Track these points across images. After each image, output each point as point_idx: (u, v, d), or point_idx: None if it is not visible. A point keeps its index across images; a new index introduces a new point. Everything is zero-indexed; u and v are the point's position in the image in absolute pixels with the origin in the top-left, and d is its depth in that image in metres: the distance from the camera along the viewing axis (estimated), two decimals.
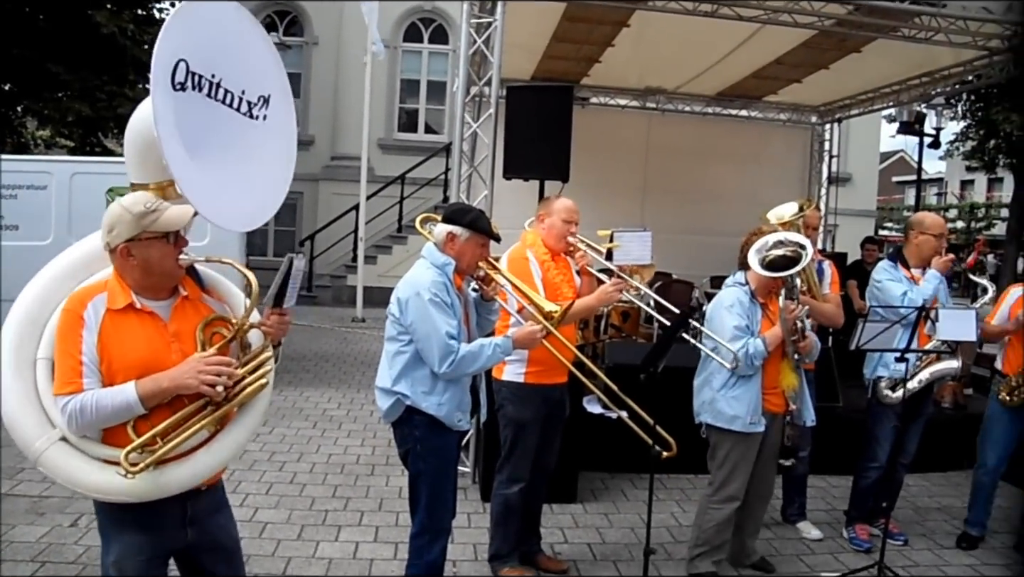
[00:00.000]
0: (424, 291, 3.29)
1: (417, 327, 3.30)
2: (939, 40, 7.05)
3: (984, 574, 4.76)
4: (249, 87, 2.56)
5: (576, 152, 6.02)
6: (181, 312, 2.44)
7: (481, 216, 3.51)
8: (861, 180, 19.45)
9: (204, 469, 2.39)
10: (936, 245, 4.84)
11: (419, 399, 3.35)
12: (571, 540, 4.85)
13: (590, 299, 4.09)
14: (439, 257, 3.43)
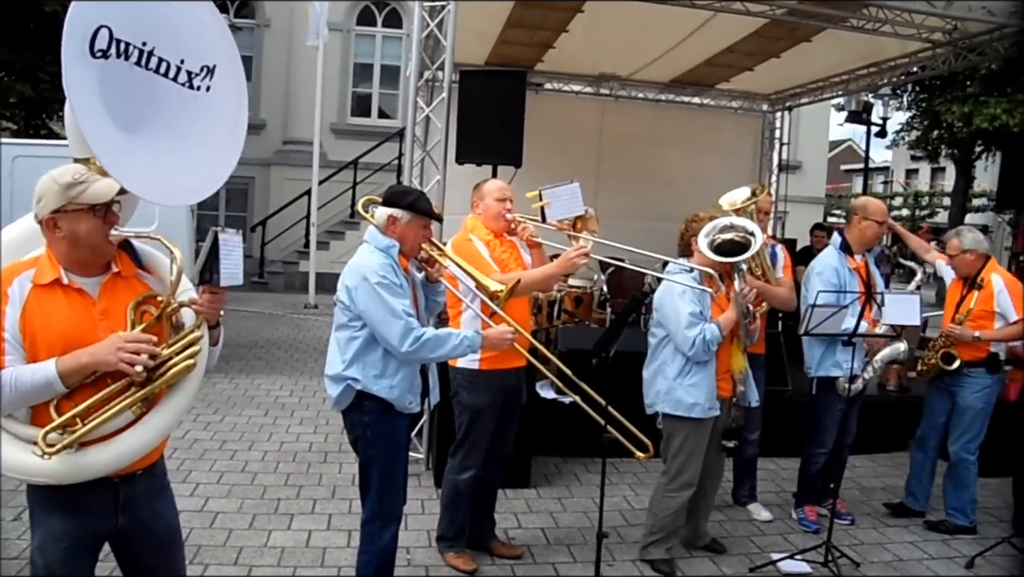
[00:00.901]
0: (371, 275, 3.27)
1: (370, 312, 3.27)
2: (886, 31, 7.20)
3: (925, 550, 4.91)
4: (189, 56, 2.43)
5: (530, 138, 6.01)
6: (111, 289, 2.36)
7: (421, 197, 3.51)
8: (811, 168, 19.76)
9: (127, 452, 2.28)
10: (879, 231, 4.93)
11: (370, 383, 3.33)
12: (525, 525, 4.86)
13: (552, 267, 4.10)
14: (382, 240, 3.40)
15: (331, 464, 5.70)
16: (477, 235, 4.13)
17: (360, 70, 17.51)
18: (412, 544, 4.45)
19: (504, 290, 3.47)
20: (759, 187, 4.77)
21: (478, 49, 8.99)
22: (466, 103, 5.74)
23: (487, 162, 5.84)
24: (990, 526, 5.36)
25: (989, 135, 18.00)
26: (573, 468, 5.85)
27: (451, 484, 4.21)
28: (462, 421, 4.16)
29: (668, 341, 4.17)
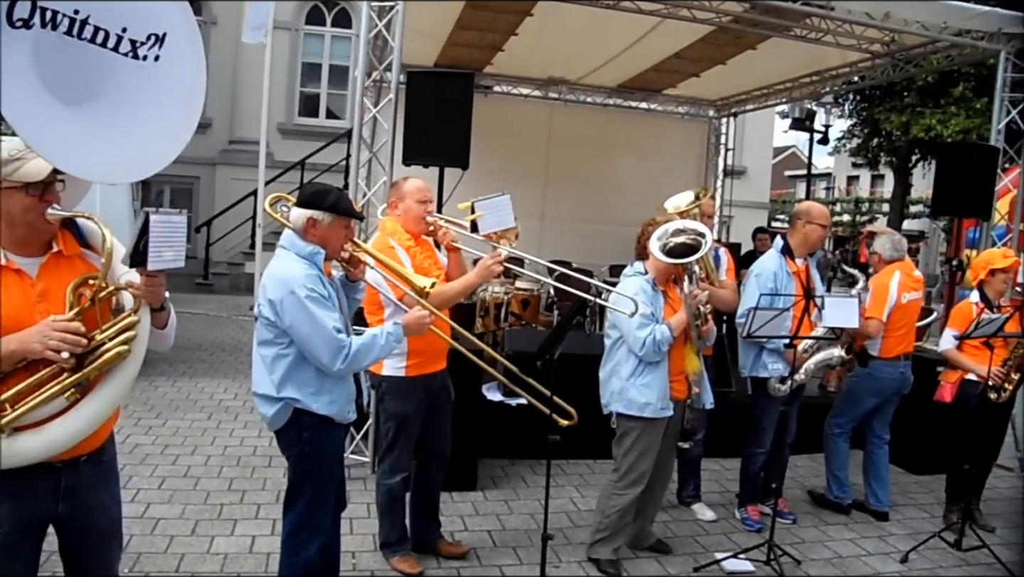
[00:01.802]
0: (298, 288, 3.04)
1: (298, 328, 3.05)
2: (828, 41, 7.42)
3: (863, 547, 5.03)
4: (133, 24, 2.25)
5: (478, 140, 6.01)
6: (52, 269, 2.28)
7: (342, 196, 3.29)
8: (755, 173, 20.09)
9: (59, 440, 2.20)
10: (822, 235, 5.03)
11: (309, 401, 3.16)
12: (471, 527, 4.85)
13: (470, 276, 4.03)
14: (304, 247, 3.16)
15: (276, 468, 5.61)
16: (398, 240, 4.01)
17: (308, 70, 17.33)
18: (357, 548, 4.41)
19: (433, 284, 3.41)
20: (702, 191, 4.82)
21: (427, 50, 8.99)
22: (414, 104, 5.71)
23: (434, 163, 5.81)
24: (924, 521, 5.52)
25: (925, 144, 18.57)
26: (520, 470, 5.85)
27: (384, 489, 4.16)
28: (388, 427, 4.10)
29: (622, 342, 4.21)
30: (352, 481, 5.29)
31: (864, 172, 36.75)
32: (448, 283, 4.05)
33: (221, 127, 16.59)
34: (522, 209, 4.33)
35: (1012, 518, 5.78)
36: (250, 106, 15.11)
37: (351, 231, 3.35)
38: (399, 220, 4.09)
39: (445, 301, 3.92)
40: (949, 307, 7.20)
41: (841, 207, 39.40)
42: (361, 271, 3.43)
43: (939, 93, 18.04)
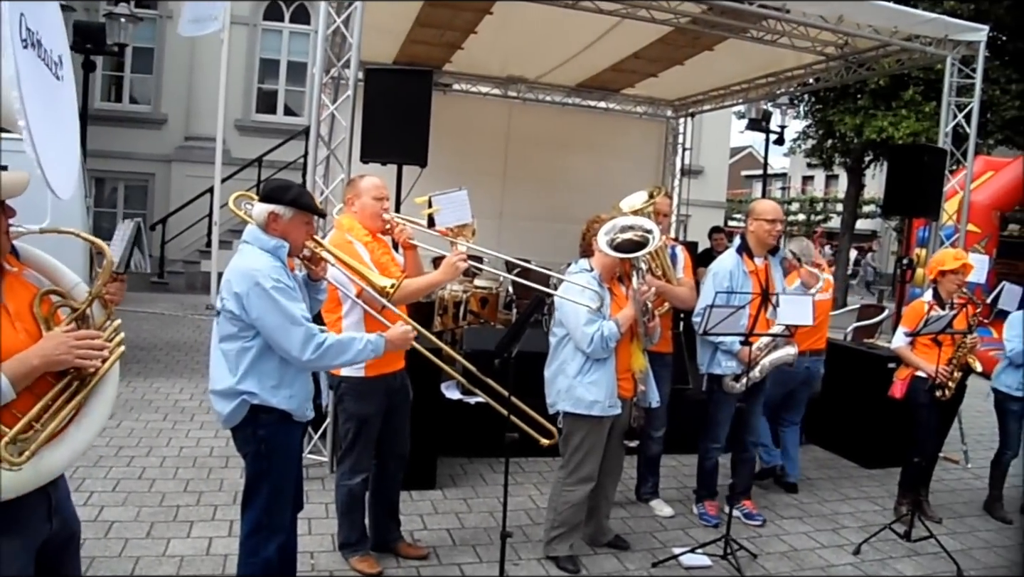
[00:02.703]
0: (263, 279, 3.03)
1: (266, 320, 3.04)
2: (783, 44, 7.54)
3: (817, 540, 5.12)
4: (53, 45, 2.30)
5: (437, 138, 6.00)
6: (11, 289, 2.23)
7: (304, 192, 3.32)
8: (712, 173, 20.32)
9: (80, 446, 2.21)
10: (769, 228, 5.10)
11: (268, 395, 3.14)
12: (430, 526, 4.85)
13: (436, 274, 4.04)
14: (268, 240, 3.17)
15: (232, 469, 5.55)
16: (355, 236, 3.99)
17: (266, 66, 17.13)
18: (316, 549, 4.38)
19: (395, 285, 3.42)
20: (656, 190, 4.86)
21: (386, 48, 8.95)
22: (372, 102, 5.68)
23: (392, 161, 5.78)
24: (875, 514, 5.65)
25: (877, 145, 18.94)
26: (478, 468, 5.86)
27: (344, 490, 4.14)
28: (348, 428, 4.07)
29: (568, 340, 4.22)
30: (310, 481, 5.24)
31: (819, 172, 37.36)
32: (413, 278, 4.05)
33: (177, 124, 16.34)
34: (481, 208, 4.34)
35: (957, 509, 5.95)
36: (206, 102, 14.91)
37: (312, 227, 3.34)
38: (355, 217, 4.08)
39: (408, 296, 3.92)
40: (900, 305, 7.37)
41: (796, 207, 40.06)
42: (323, 268, 3.42)
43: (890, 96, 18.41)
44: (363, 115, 5.68)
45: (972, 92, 7.29)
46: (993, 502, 5.91)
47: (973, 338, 5.31)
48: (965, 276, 5.43)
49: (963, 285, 5.47)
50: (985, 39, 7.15)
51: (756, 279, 5.05)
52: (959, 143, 7.50)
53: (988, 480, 6.00)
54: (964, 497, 6.24)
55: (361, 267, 3.56)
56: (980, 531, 5.55)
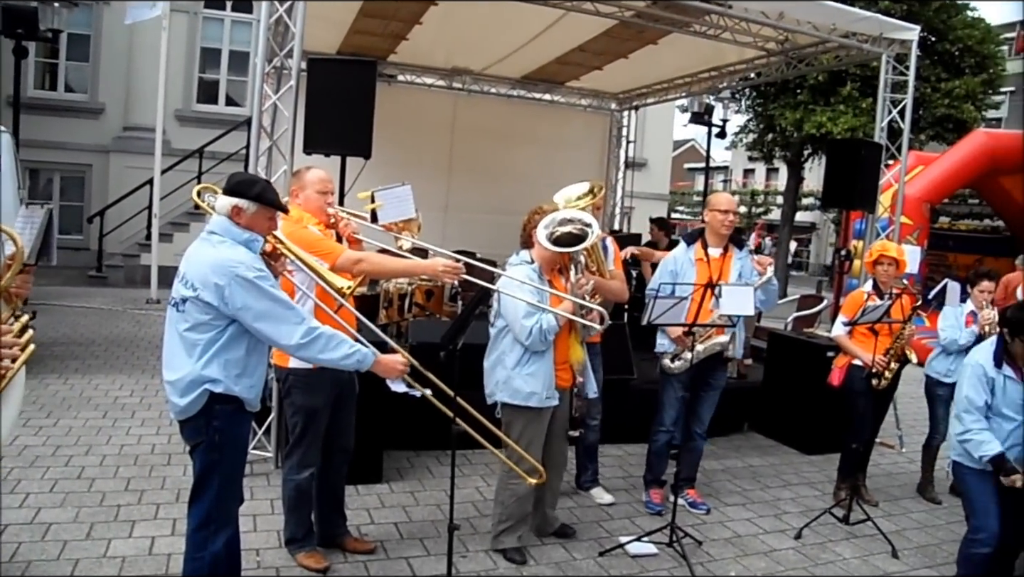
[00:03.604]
0: (246, 270, 3.04)
1: (254, 308, 3.04)
2: (726, 38, 7.65)
3: (760, 526, 5.23)
4: None
5: (382, 130, 5.95)
6: None
7: (268, 187, 3.30)
8: (656, 166, 20.53)
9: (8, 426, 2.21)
10: (721, 219, 5.19)
11: (232, 383, 3.13)
12: (377, 520, 4.82)
13: (419, 264, 4.08)
14: (240, 233, 3.15)
15: (175, 466, 5.45)
16: (307, 222, 4.00)
17: (207, 55, 16.79)
18: (262, 545, 4.32)
19: (352, 286, 3.41)
20: (598, 186, 4.89)
21: (330, 38, 8.86)
22: (315, 92, 5.60)
23: (336, 152, 5.71)
24: (815, 499, 5.79)
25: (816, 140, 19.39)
26: (425, 461, 5.85)
27: (291, 485, 4.10)
28: (296, 421, 4.04)
29: (507, 332, 4.24)
30: (255, 477, 5.20)
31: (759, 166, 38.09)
32: (388, 256, 4.04)
33: (115, 113, 15.94)
34: (426, 200, 4.33)
35: (893, 492, 6.14)
36: (146, 91, 14.58)
37: (275, 223, 3.34)
38: (300, 208, 4.05)
39: (380, 273, 3.87)
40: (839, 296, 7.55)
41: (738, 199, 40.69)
42: (282, 265, 3.42)
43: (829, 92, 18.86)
44: (306, 106, 5.61)
45: (906, 89, 7.49)
46: (925, 485, 6.12)
47: (911, 329, 5.48)
48: (897, 267, 5.59)
49: (898, 276, 5.64)
50: (917, 38, 7.37)
51: (706, 268, 5.13)
52: (894, 138, 7.71)
53: (920, 464, 6.19)
54: (899, 481, 6.43)
55: (318, 265, 3.54)
56: (913, 512, 5.75)
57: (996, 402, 3.91)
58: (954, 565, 4.25)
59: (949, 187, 13.77)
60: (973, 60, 19.26)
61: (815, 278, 31.41)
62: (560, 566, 4.38)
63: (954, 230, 18.71)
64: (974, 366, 3.96)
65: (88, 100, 16.08)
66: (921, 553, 5.00)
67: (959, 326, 5.69)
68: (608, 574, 4.33)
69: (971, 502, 4.04)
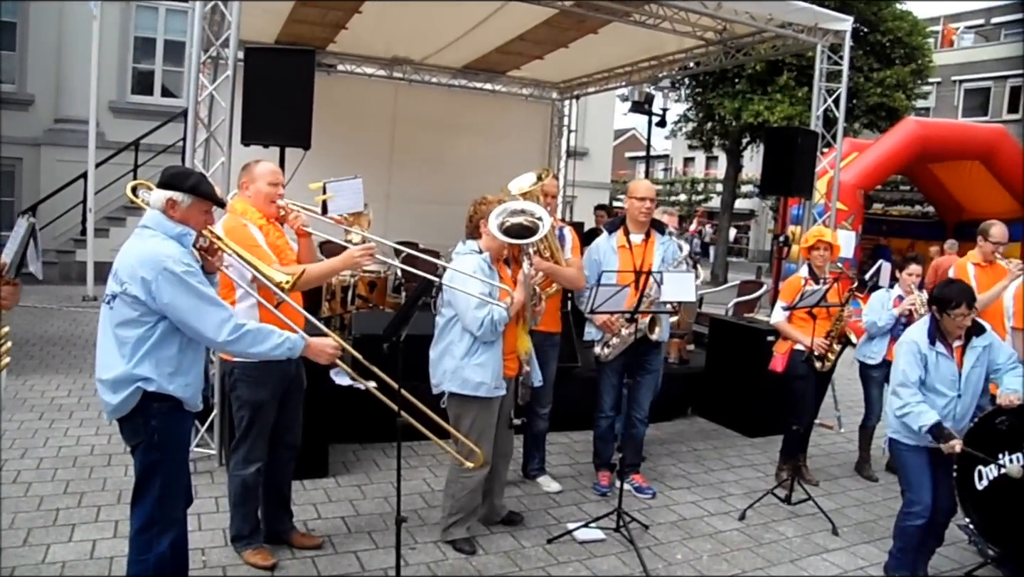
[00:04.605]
0: (174, 264, 2.98)
1: (180, 303, 2.98)
2: (665, 28, 7.73)
3: (705, 508, 5.32)
4: None
5: (322, 120, 5.88)
6: None
7: (203, 180, 3.25)
8: (597, 155, 20.64)
9: None
10: (639, 206, 5.27)
11: (165, 381, 3.07)
12: (324, 515, 4.78)
13: (335, 262, 3.98)
14: (173, 227, 3.09)
15: (116, 467, 5.33)
16: (250, 219, 3.93)
17: (142, 45, 16.32)
18: (207, 545, 4.25)
19: (290, 280, 3.36)
20: (544, 171, 4.92)
21: (267, 27, 8.72)
22: (252, 82, 5.49)
23: (274, 143, 5.61)
24: (758, 481, 5.91)
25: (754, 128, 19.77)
26: (372, 454, 5.82)
27: (237, 480, 4.05)
28: (242, 416, 3.99)
29: (456, 321, 4.23)
30: (199, 476, 5.12)
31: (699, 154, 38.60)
32: (310, 265, 3.98)
33: (45, 105, 15.41)
34: (367, 191, 4.31)
35: (832, 471, 6.31)
36: (78, 83, 14.13)
37: (211, 217, 3.29)
38: (248, 201, 3.99)
39: (306, 283, 3.84)
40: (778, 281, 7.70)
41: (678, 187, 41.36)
42: (219, 259, 3.36)
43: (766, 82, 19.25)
44: (243, 96, 5.50)
45: (840, 78, 7.65)
46: (862, 463, 6.30)
47: (849, 311, 5.62)
48: (830, 252, 5.73)
49: (832, 260, 5.78)
50: (850, 28, 7.54)
51: (629, 255, 5.20)
52: (829, 126, 7.88)
53: (858, 443, 6.37)
54: (838, 460, 6.61)
55: (256, 261, 3.47)
56: (852, 490, 5.91)
57: (930, 378, 4.04)
58: (891, 539, 4.38)
59: (882, 174, 14.15)
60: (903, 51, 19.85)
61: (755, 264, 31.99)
62: (509, 555, 4.40)
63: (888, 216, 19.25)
64: (909, 344, 4.08)
65: (16, 91, 15.51)
66: (860, 529, 5.14)
67: (886, 311, 5.86)
68: (557, 561, 4.37)
69: (906, 477, 4.18)
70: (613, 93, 19.71)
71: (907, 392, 4.01)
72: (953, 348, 4.07)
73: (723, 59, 8.87)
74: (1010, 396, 3.99)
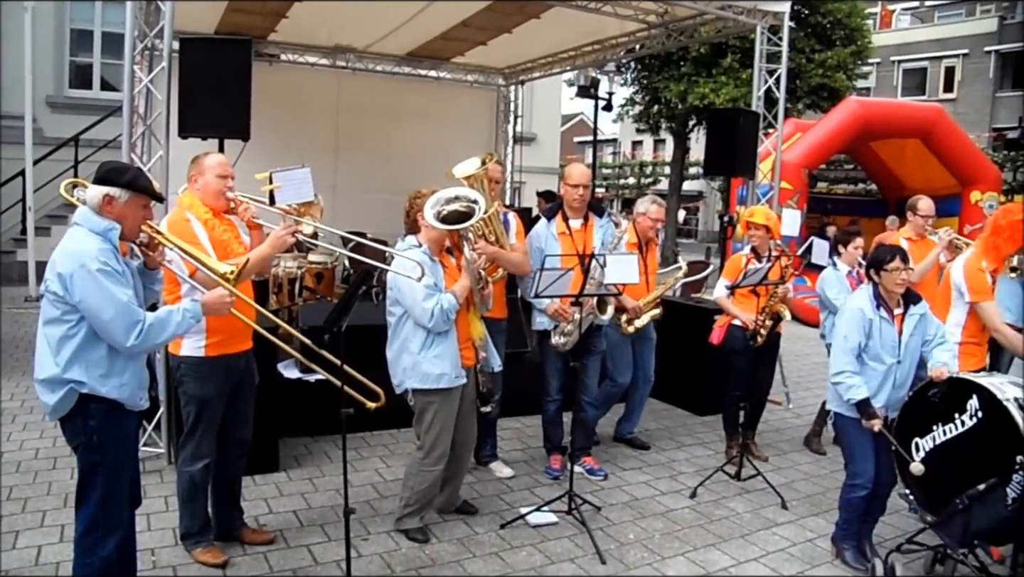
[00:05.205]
0: (90, 261, 2.91)
1: (89, 303, 2.93)
2: (607, 12, 7.74)
3: (656, 488, 5.40)
4: None
5: (265, 111, 5.81)
6: None
7: (140, 174, 3.20)
8: (545, 140, 20.64)
9: None
10: (572, 192, 5.31)
11: (97, 384, 3.02)
12: (275, 509, 4.74)
13: (263, 248, 3.91)
14: (99, 222, 3.04)
15: (61, 470, 5.21)
16: (195, 214, 3.87)
17: (79, 37, 15.87)
18: (157, 545, 4.19)
19: (235, 271, 3.31)
20: (488, 156, 4.90)
21: (206, 16, 8.55)
22: (188, 74, 5.38)
23: (212, 135, 5.49)
24: (709, 459, 6.01)
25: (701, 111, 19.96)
26: (323, 447, 5.78)
27: (186, 477, 4.00)
28: (189, 411, 3.94)
29: (407, 317, 4.22)
30: (148, 475, 5.03)
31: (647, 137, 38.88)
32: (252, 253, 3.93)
33: None
34: (313, 181, 4.24)
35: (781, 446, 6.44)
36: (12, 77, 13.69)
37: (149, 212, 3.22)
38: (197, 194, 3.93)
39: (249, 272, 3.79)
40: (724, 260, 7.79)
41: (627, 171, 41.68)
42: (160, 255, 3.30)
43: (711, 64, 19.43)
44: (179, 88, 5.39)
45: (780, 59, 7.75)
46: (812, 437, 6.43)
47: (783, 288, 5.70)
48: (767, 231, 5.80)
49: (773, 238, 5.85)
50: (789, 10, 7.63)
51: (569, 240, 5.24)
52: (772, 107, 7.97)
53: (814, 417, 6.52)
54: (787, 435, 6.74)
55: (200, 253, 3.42)
56: (801, 464, 6.03)
57: (874, 344, 4.11)
58: (837, 510, 4.48)
59: (825, 153, 14.39)
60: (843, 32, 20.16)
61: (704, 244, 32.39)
62: (462, 541, 4.42)
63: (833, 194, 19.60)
64: (853, 310, 4.15)
65: None
66: (808, 502, 5.25)
67: (847, 290, 5.94)
68: (510, 545, 4.39)
69: (850, 449, 4.27)
70: (560, 78, 19.73)
71: (845, 360, 4.09)
72: (894, 315, 4.16)
73: (666, 42, 8.93)
74: (940, 369, 4.10)
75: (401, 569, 4.07)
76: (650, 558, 4.35)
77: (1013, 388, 3.84)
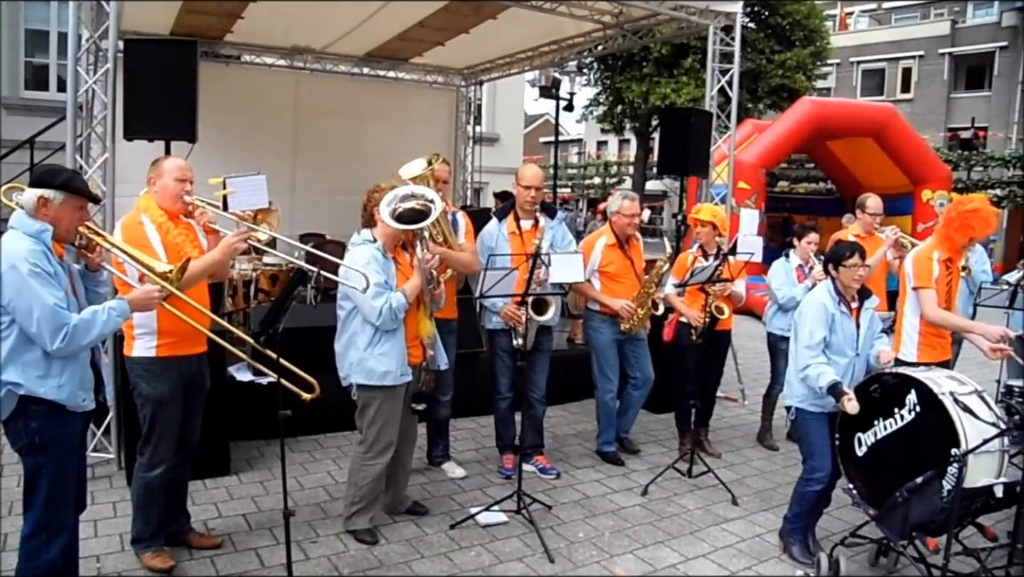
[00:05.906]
0: (20, 263, 2.92)
1: (17, 304, 2.93)
2: (562, 12, 7.77)
3: (608, 485, 5.42)
4: None
5: (222, 113, 5.77)
6: None
7: (75, 176, 3.22)
8: (508, 140, 20.67)
9: None
10: (524, 194, 5.33)
11: (34, 385, 3.01)
12: (225, 513, 4.70)
13: (214, 253, 3.89)
14: (32, 224, 3.05)
15: (8, 477, 5.09)
16: (150, 216, 3.84)
17: (34, 38, 15.63)
18: (103, 551, 4.15)
19: (174, 270, 3.29)
20: (434, 156, 4.90)
21: (160, 16, 8.44)
22: (133, 75, 5.30)
23: (158, 137, 5.42)
24: (662, 456, 6.06)
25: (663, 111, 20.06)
26: (276, 450, 5.61)
27: (142, 482, 3.96)
28: (145, 414, 3.91)
29: (356, 313, 4.21)
30: (96, 481, 4.97)
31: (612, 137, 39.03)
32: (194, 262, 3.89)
33: None
34: (271, 183, 4.20)
35: (735, 443, 6.51)
36: None
37: (86, 213, 3.23)
38: (155, 197, 3.89)
39: (189, 280, 3.76)
40: None
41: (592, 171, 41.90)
42: (99, 256, 3.30)
43: (673, 64, 19.57)
44: (124, 89, 5.33)
45: (733, 59, 7.82)
46: (764, 433, 6.50)
47: (721, 287, 5.74)
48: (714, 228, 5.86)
49: (721, 235, 5.92)
50: (740, 10, 7.70)
51: (519, 241, 5.26)
52: (725, 106, 8.05)
53: (761, 413, 6.57)
54: (741, 432, 6.81)
55: (139, 253, 3.39)
56: (753, 460, 6.10)
57: (836, 338, 4.18)
58: (786, 506, 4.54)
59: (781, 152, 14.56)
60: (802, 33, 20.39)
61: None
62: (411, 542, 4.41)
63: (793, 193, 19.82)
64: (815, 305, 4.22)
65: None
66: (759, 497, 5.32)
67: (792, 282, 6.04)
68: (459, 546, 4.40)
69: (809, 444, 4.32)
70: (522, 79, 19.75)
71: (810, 353, 4.13)
72: (852, 309, 4.24)
73: (622, 42, 8.98)
74: (886, 351, 4.25)
75: (348, 571, 4.05)
76: (599, 556, 4.37)
77: (950, 382, 3.92)
